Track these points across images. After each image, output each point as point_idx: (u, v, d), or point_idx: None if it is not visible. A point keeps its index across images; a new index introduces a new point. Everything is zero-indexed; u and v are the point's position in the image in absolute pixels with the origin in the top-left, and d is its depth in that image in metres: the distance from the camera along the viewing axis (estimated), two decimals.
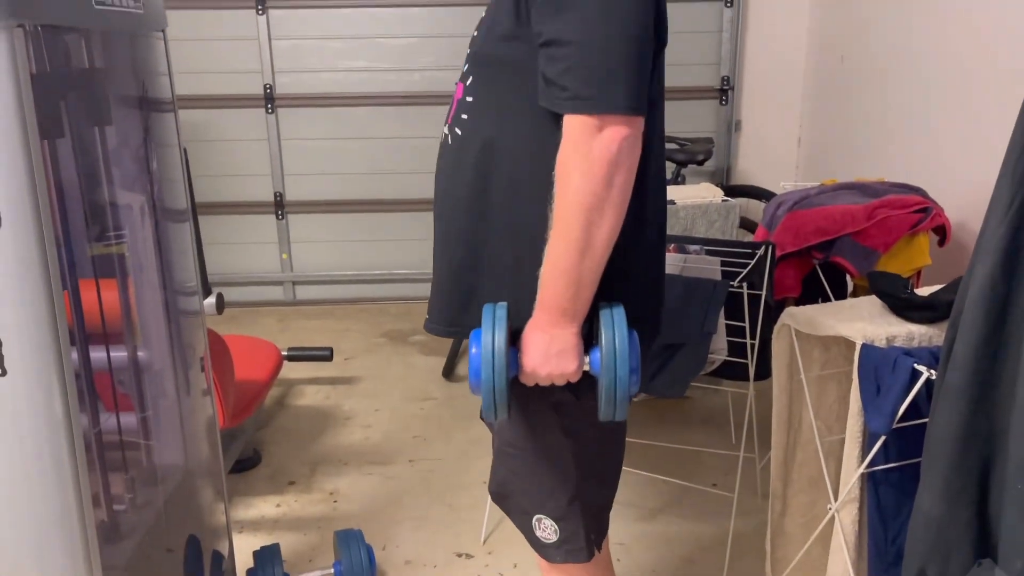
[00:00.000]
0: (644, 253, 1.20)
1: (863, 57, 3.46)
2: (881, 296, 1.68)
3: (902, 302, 1.62)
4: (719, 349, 2.21)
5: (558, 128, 1.04)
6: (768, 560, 1.96)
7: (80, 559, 1.20)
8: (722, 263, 2.22)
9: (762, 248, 2.20)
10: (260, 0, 3.86)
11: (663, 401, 3.04)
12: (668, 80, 1.17)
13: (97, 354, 1.58)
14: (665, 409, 3.02)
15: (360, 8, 3.92)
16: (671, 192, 2.82)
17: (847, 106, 3.63)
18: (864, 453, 1.59)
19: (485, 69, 1.16)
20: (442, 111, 1.35)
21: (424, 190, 1.59)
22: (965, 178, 2.69)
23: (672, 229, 2.70)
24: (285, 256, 4.23)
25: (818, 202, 2.52)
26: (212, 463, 1.90)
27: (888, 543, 1.62)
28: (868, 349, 1.55)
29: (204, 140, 4.00)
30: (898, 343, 1.57)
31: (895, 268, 2.38)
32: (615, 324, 1.05)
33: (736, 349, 2.28)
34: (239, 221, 4.16)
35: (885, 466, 1.58)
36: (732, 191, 3.93)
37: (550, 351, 1.08)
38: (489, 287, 1.19)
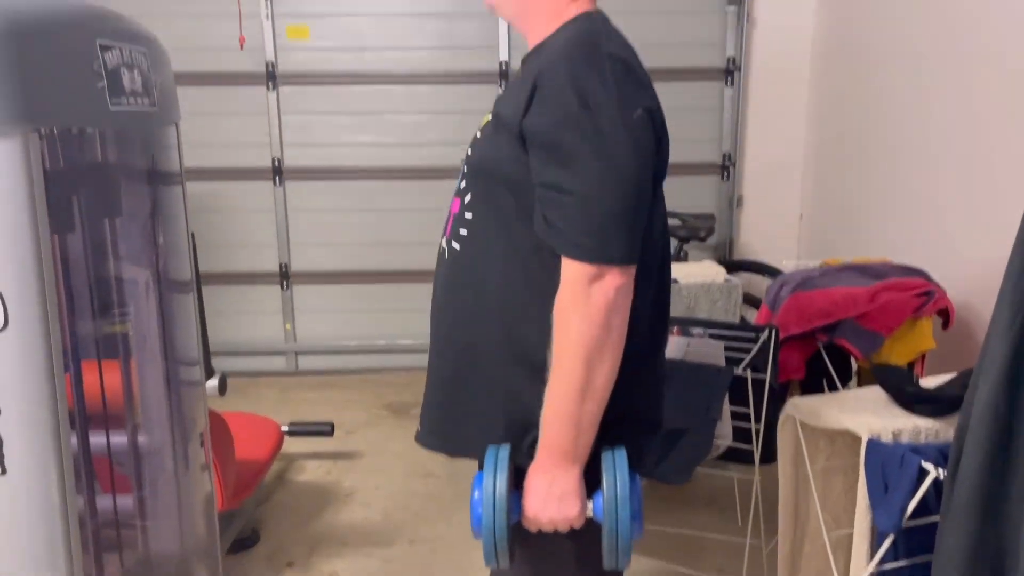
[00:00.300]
0: (648, 362, 1.21)
1: (862, 135, 3.52)
2: (887, 389, 1.67)
3: (908, 395, 1.62)
4: (724, 434, 2.19)
5: (554, 254, 1.07)
6: None
7: None
8: (726, 347, 2.21)
9: (765, 332, 2.20)
10: (271, 77, 3.96)
11: (667, 484, 2.99)
12: (670, 156, 1.20)
13: (97, 439, 1.58)
14: (669, 491, 2.98)
15: (369, 85, 4.01)
16: (673, 270, 2.83)
17: (848, 182, 3.68)
18: (873, 550, 1.56)
19: (483, 186, 1.17)
20: (447, 185, 1.37)
21: (427, 261, 1.60)
22: (969, 256, 2.70)
23: (675, 308, 2.71)
24: (289, 326, 4.24)
25: (821, 284, 2.53)
26: (209, 544, 1.87)
27: None
28: (874, 444, 1.53)
29: (212, 211, 4.05)
30: (904, 438, 1.56)
31: (899, 352, 2.37)
32: (616, 467, 1.06)
33: (741, 433, 2.26)
34: (244, 291, 4.18)
35: (895, 564, 1.55)
36: (734, 266, 3.96)
37: (552, 494, 1.08)
38: (481, 402, 1.19)
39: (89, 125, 1.27)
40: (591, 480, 1.11)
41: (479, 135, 1.20)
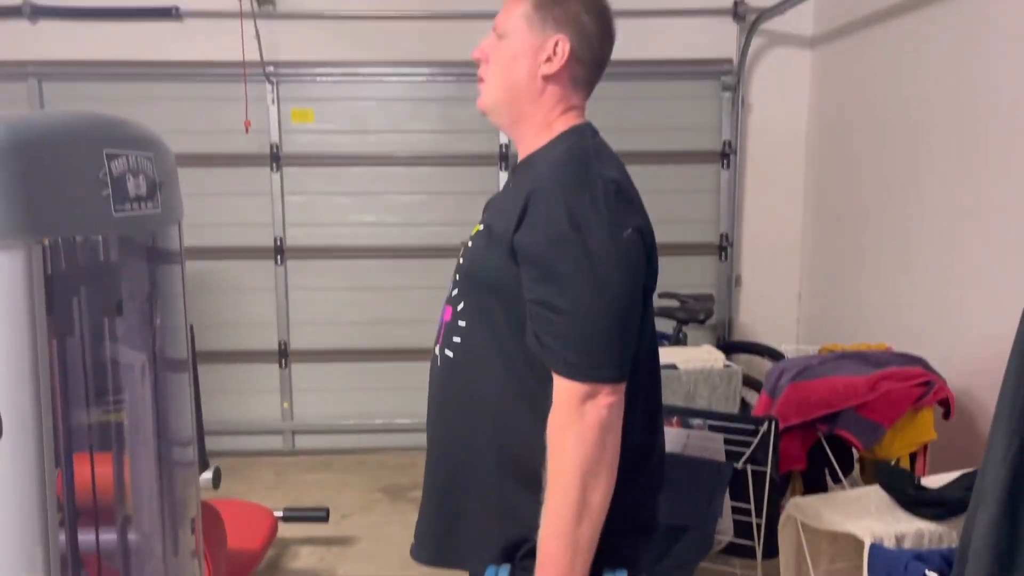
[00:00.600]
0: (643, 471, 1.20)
1: (858, 215, 3.55)
2: (889, 491, 1.65)
3: (911, 498, 1.60)
4: (725, 529, 2.15)
5: (545, 366, 1.08)
6: None
7: None
8: (725, 439, 2.19)
9: (765, 424, 2.18)
10: (275, 158, 4.02)
11: None
12: (669, 236, 1.22)
13: (86, 537, 1.55)
14: None
15: (370, 167, 4.07)
16: (673, 355, 2.82)
17: (846, 263, 3.70)
18: None
19: (476, 295, 1.18)
20: (447, 263, 1.38)
21: (426, 339, 1.60)
22: (970, 339, 2.68)
23: (675, 394, 2.69)
24: (287, 404, 4.21)
25: (820, 372, 2.52)
26: None
27: None
28: (877, 550, 1.51)
29: (213, 290, 4.07)
30: (907, 543, 1.53)
31: (901, 443, 2.35)
32: None
33: (741, 527, 2.22)
34: (243, 370, 4.16)
35: None
36: (734, 347, 3.95)
37: None
38: (474, 511, 1.18)
39: (93, 233, 1.27)
40: None
41: (470, 244, 1.22)
